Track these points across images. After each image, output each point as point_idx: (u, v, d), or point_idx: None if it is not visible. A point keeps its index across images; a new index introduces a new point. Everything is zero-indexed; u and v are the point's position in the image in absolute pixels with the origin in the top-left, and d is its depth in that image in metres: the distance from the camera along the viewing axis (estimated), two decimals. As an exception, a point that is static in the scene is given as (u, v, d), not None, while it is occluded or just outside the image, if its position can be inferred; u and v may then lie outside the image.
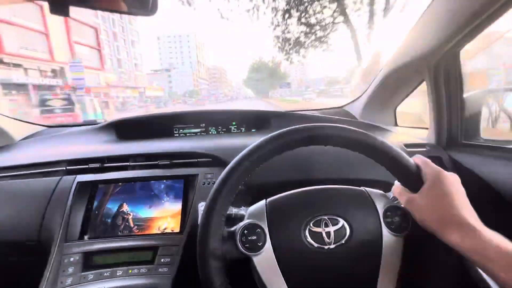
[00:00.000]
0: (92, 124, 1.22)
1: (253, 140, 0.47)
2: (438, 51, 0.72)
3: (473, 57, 0.80)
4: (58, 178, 0.78)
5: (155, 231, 0.70)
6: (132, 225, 0.71)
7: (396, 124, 1.17)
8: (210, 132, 1.18)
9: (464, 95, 0.80)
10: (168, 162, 0.81)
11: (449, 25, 0.64)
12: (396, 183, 0.52)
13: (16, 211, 0.74)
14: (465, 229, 0.40)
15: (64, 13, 0.40)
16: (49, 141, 1.03)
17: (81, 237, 0.69)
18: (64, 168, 0.80)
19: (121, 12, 0.44)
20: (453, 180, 0.45)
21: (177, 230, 0.70)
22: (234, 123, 1.18)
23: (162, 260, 0.64)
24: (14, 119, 1.16)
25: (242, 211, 0.54)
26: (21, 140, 1.10)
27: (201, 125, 1.18)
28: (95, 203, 0.74)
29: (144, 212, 0.73)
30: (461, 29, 0.62)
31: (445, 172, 0.45)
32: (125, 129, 1.09)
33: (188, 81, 77.53)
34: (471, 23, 0.59)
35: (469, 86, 0.80)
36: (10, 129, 1.09)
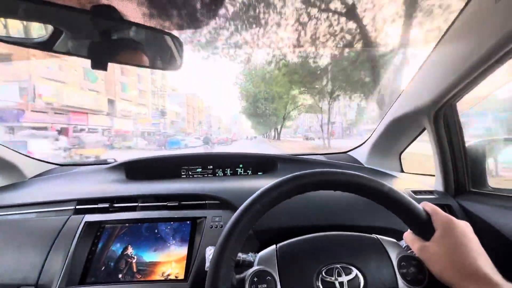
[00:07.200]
0: (102, 164, 1.25)
1: (260, 183, 0.48)
2: (436, 103, 0.77)
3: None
4: (66, 217, 0.77)
5: (158, 277, 0.67)
6: (135, 269, 0.68)
7: (402, 170, 1.18)
8: (217, 174, 1.20)
9: (468, 144, 0.82)
10: (177, 204, 0.81)
11: (446, 79, 0.69)
12: (408, 230, 0.51)
13: (19, 251, 0.71)
14: (483, 282, 0.38)
15: (103, 68, 0.45)
16: (59, 179, 1.05)
17: (81, 282, 0.66)
18: (74, 207, 0.80)
19: (154, 68, 0.50)
20: (465, 229, 0.45)
21: (181, 276, 0.67)
22: (241, 165, 1.21)
23: None
24: (27, 156, 1.19)
25: (250, 257, 0.53)
26: (32, 178, 1.12)
27: (208, 167, 1.21)
28: (100, 245, 0.72)
29: (149, 256, 0.71)
30: (458, 83, 0.67)
31: (456, 220, 0.45)
32: (134, 169, 1.11)
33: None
34: (467, 77, 0.64)
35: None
36: (23, 166, 1.12)
